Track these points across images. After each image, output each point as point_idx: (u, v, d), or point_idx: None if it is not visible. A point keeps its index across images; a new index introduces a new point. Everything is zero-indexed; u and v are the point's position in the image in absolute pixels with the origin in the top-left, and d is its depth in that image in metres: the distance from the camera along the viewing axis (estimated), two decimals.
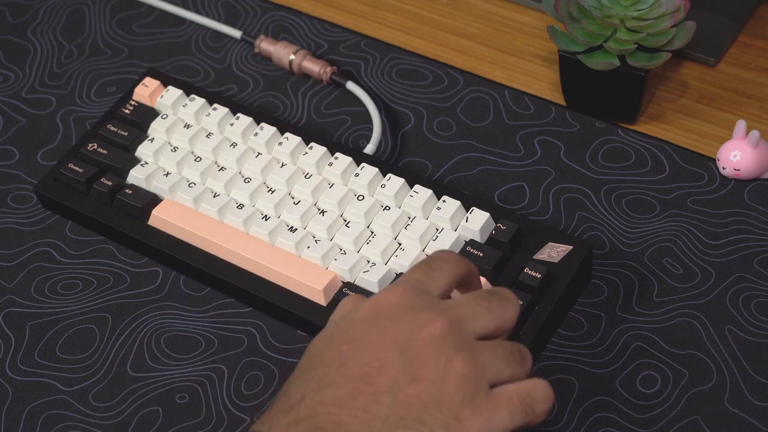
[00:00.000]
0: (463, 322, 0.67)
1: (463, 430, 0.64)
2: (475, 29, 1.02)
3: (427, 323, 0.67)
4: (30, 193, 0.94)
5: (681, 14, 0.89)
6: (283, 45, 1.00)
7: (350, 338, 0.67)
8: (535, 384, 0.67)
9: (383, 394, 0.65)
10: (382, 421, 0.64)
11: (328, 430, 0.64)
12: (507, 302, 0.70)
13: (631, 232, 0.87)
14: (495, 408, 0.65)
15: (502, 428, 0.65)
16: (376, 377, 0.65)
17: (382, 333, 0.67)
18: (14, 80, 1.02)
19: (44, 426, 0.81)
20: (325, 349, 0.67)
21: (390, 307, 0.68)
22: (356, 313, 0.68)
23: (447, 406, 0.65)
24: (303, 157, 0.89)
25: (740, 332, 0.81)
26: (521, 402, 0.66)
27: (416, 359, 0.65)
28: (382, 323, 0.67)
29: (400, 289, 0.69)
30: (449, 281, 0.71)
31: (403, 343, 0.66)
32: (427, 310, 0.67)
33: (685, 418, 0.78)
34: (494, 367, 0.67)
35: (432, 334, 0.66)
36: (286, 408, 0.65)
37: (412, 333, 0.66)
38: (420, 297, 0.68)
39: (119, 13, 1.06)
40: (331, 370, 0.66)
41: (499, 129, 0.95)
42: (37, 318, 0.87)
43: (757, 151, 0.88)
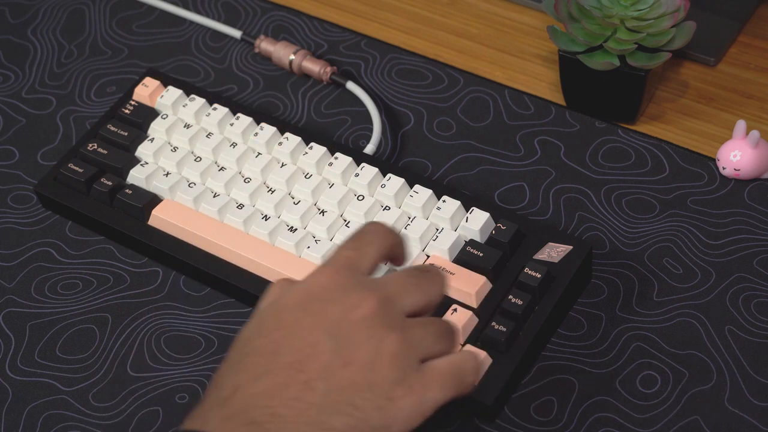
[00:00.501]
0: (394, 300, 0.68)
1: (397, 409, 0.65)
2: (475, 29, 1.02)
3: (357, 304, 0.67)
4: (30, 193, 0.94)
5: (681, 14, 0.89)
6: (283, 45, 1.00)
7: (281, 324, 0.67)
8: (464, 357, 0.69)
9: (316, 381, 0.65)
10: (316, 409, 0.64)
11: (264, 423, 0.64)
12: (435, 278, 0.71)
13: (631, 232, 0.87)
14: (427, 384, 0.66)
15: (435, 403, 0.66)
16: (308, 364, 0.65)
17: (313, 317, 0.67)
18: (14, 80, 1.02)
19: (44, 426, 0.81)
20: (255, 337, 0.67)
21: (320, 290, 0.68)
22: (287, 297, 0.68)
23: (380, 387, 0.65)
24: (303, 157, 0.89)
25: (740, 332, 0.81)
26: (452, 376, 0.67)
27: (348, 342, 0.66)
28: (313, 306, 0.67)
29: (330, 270, 0.69)
30: (378, 255, 0.71)
31: (334, 326, 0.66)
32: (357, 290, 0.68)
33: (685, 418, 0.78)
34: (425, 343, 0.68)
35: (363, 314, 0.67)
36: (219, 401, 0.65)
37: (343, 314, 0.67)
38: (350, 276, 0.69)
39: (119, 13, 1.06)
40: (263, 359, 0.66)
41: (499, 129, 0.95)
42: (37, 318, 0.87)
43: (757, 151, 0.88)
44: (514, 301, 0.80)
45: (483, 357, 0.74)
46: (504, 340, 0.78)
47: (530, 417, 0.79)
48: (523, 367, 0.80)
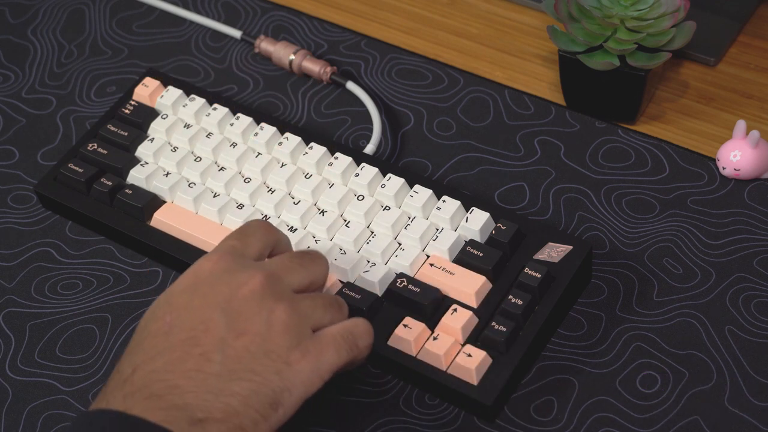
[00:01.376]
0: (280, 277, 0.72)
1: (294, 372, 0.69)
2: (475, 29, 1.02)
3: (245, 281, 0.70)
4: (30, 193, 0.94)
5: (681, 14, 0.89)
6: (283, 45, 1.00)
7: (172, 308, 0.70)
8: (355, 322, 0.73)
9: (212, 353, 0.68)
10: (215, 378, 0.67)
11: (164, 395, 0.66)
12: (318, 259, 0.76)
13: (631, 232, 0.87)
14: (322, 348, 0.70)
15: (330, 365, 0.70)
16: (202, 338, 0.68)
17: (203, 298, 0.70)
18: (14, 80, 1.02)
19: (44, 426, 0.81)
20: (149, 322, 0.70)
21: (208, 274, 0.71)
22: (175, 285, 0.72)
23: (276, 353, 0.69)
24: (303, 157, 0.89)
25: (740, 332, 0.81)
26: (345, 339, 0.72)
27: (239, 316, 0.69)
28: (202, 289, 0.70)
29: (215, 256, 0.72)
30: (262, 246, 0.75)
31: (224, 303, 0.69)
32: (243, 270, 0.71)
33: (685, 418, 0.78)
34: (314, 314, 0.72)
35: (251, 289, 0.70)
36: (120, 383, 0.68)
37: (232, 292, 0.70)
38: (235, 260, 0.72)
39: (119, 13, 1.06)
40: (158, 340, 0.69)
41: (499, 129, 0.95)
42: (37, 318, 0.87)
43: (757, 151, 0.88)
44: (514, 301, 0.80)
45: (364, 323, 0.75)
46: (504, 340, 0.78)
47: (530, 417, 0.79)
48: (523, 367, 0.80)
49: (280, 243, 0.77)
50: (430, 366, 0.79)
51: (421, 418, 0.79)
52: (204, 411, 0.66)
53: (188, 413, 0.66)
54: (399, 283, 0.82)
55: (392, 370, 0.81)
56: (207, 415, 0.66)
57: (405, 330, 0.79)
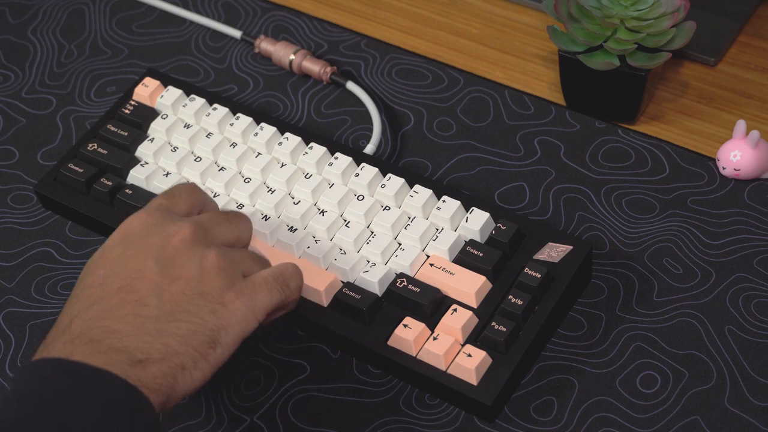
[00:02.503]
0: (208, 228, 0.75)
1: (229, 312, 0.72)
2: (475, 29, 1.02)
3: (175, 232, 0.74)
4: (30, 193, 0.94)
5: (681, 14, 0.89)
6: (283, 45, 1.00)
7: (106, 261, 0.72)
8: (285, 265, 0.76)
9: (148, 298, 0.70)
10: (153, 320, 0.70)
11: (103, 339, 0.68)
12: (243, 218, 0.79)
13: (631, 232, 0.87)
14: (254, 289, 0.73)
15: (264, 305, 0.73)
16: (137, 285, 0.71)
17: (135, 249, 0.73)
18: (14, 80, 1.02)
19: None
20: (85, 276, 0.73)
21: (138, 228, 0.74)
22: (108, 241, 0.74)
23: (210, 294, 0.72)
24: (303, 157, 0.89)
25: (740, 332, 0.81)
26: (276, 280, 0.75)
27: (173, 263, 0.72)
28: (134, 240, 0.73)
29: (144, 213, 0.75)
30: (189, 205, 0.78)
31: (157, 252, 0.72)
32: (172, 223, 0.74)
33: (685, 418, 0.78)
34: (244, 263, 0.75)
35: (182, 238, 0.73)
36: (59, 332, 0.69)
37: (163, 242, 0.73)
38: (163, 215, 0.75)
39: (119, 13, 1.06)
40: (94, 291, 0.71)
41: (499, 129, 0.95)
42: (37, 318, 0.87)
43: (757, 151, 0.88)
44: (514, 301, 0.80)
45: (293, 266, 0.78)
46: (504, 340, 0.78)
47: (530, 417, 0.79)
48: (523, 367, 0.80)
49: (206, 204, 0.80)
50: (430, 366, 0.79)
51: (421, 418, 0.79)
52: (143, 352, 0.68)
53: (128, 355, 0.68)
54: (399, 283, 0.82)
55: (392, 370, 0.81)
56: (146, 356, 0.68)
57: (405, 330, 0.79)
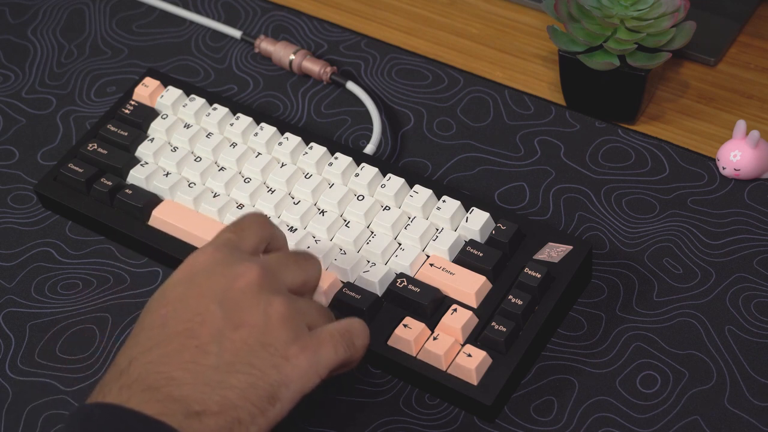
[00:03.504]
0: (275, 272, 0.72)
1: (292, 367, 0.68)
2: (475, 29, 1.02)
3: (241, 273, 0.70)
4: (30, 193, 0.94)
5: (681, 14, 0.89)
6: (283, 45, 1.00)
7: (167, 300, 0.69)
8: (351, 321, 0.73)
9: (209, 345, 0.67)
10: (213, 370, 0.67)
11: (161, 387, 0.66)
12: (312, 259, 0.75)
13: (631, 232, 0.87)
14: (319, 344, 0.70)
15: (328, 362, 0.70)
16: (199, 330, 0.68)
17: (198, 289, 0.69)
18: (14, 80, 1.02)
19: (44, 426, 0.81)
20: (146, 315, 0.70)
21: (203, 266, 0.71)
22: (172, 277, 0.71)
23: (273, 346, 0.68)
24: (303, 157, 0.89)
25: (740, 332, 0.81)
26: (342, 337, 0.71)
27: (236, 307, 0.69)
28: (198, 280, 0.70)
29: (211, 249, 0.72)
30: (258, 240, 0.74)
31: (221, 295, 0.69)
32: (239, 263, 0.71)
33: (685, 418, 0.78)
34: (310, 313, 0.71)
35: (248, 282, 0.70)
36: (116, 375, 0.67)
37: (229, 284, 0.69)
38: (231, 253, 0.72)
39: (119, 13, 1.06)
40: (154, 332, 0.68)
41: (499, 129, 0.95)
42: (37, 318, 0.87)
43: (757, 151, 0.88)
44: (514, 301, 0.80)
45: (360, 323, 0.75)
46: (504, 340, 0.78)
47: (530, 417, 0.79)
48: (523, 367, 0.80)
49: (275, 238, 0.76)
50: (430, 366, 0.79)
51: (421, 418, 0.79)
52: (201, 404, 0.66)
53: (185, 405, 0.66)
54: (399, 283, 0.82)
55: (392, 370, 0.81)
56: (204, 408, 0.66)
57: (405, 330, 0.79)
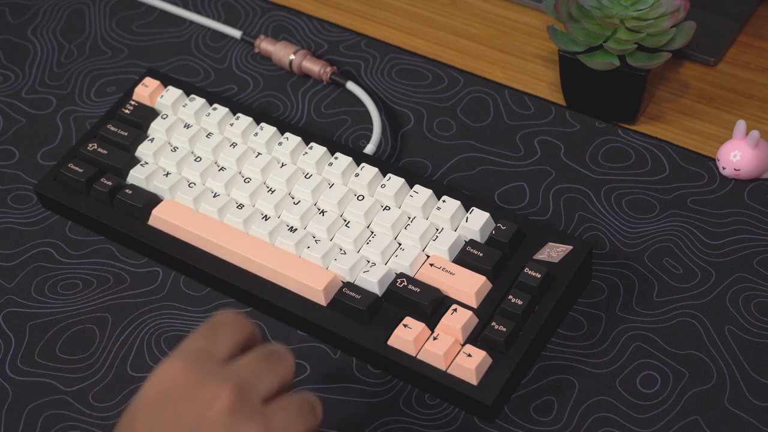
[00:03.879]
0: (249, 388, 0.65)
1: None
2: (475, 29, 1.02)
3: (213, 398, 0.64)
4: (30, 193, 0.94)
5: (681, 14, 0.89)
6: (283, 45, 1.00)
7: (136, 430, 0.64)
8: None
9: None
10: None
11: None
12: (284, 358, 0.68)
13: (631, 232, 0.87)
14: None
15: None
16: None
17: (167, 422, 0.64)
18: (14, 80, 1.02)
19: (44, 426, 0.81)
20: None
21: (172, 387, 0.65)
22: (139, 400, 0.65)
23: None
24: (303, 157, 0.90)
25: (740, 332, 0.81)
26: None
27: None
28: (166, 409, 0.64)
29: (179, 363, 0.65)
30: (233, 345, 0.68)
31: (192, 429, 0.63)
32: (209, 383, 0.64)
33: (685, 418, 0.78)
34: (288, 428, 0.65)
35: (219, 409, 0.64)
36: None
37: (199, 413, 0.64)
38: (201, 367, 0.65)
39: (119, 13, 1.06)
40: None
41: (499, 129, 0.95)
42: (37, 318, 0.87)
43: (757, 151, 0.88)
44: (514, 301, 0.80)
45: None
46: (504, 340, 0.78)
47: (530, 417, 0.79)
48: (523, 367, 0.80)
49: (252, 338, 0.69)
50: (430, 366, 0.79)
51: (421, 418, 0.79)
52: None
53: None
54: (399, 283, 0.82)
55: (392, 370, 0.81)
56: None
57: (405, 330, 0.79)
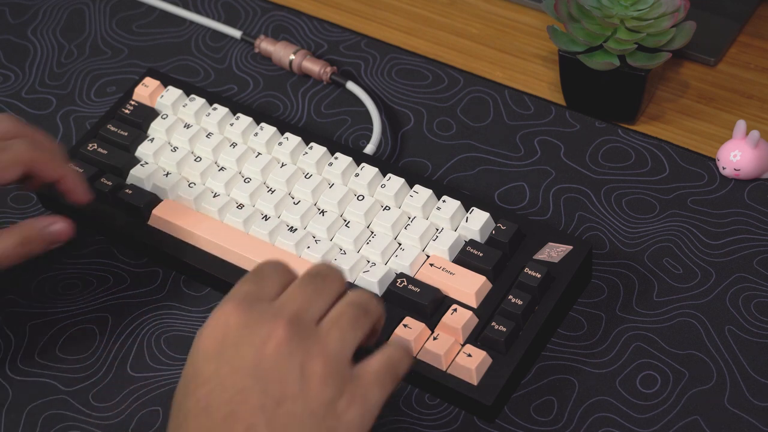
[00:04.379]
0: (300, 317, 0.67)
1: (347, 423, 0.65)
2: (475, 29, 1.02)
3: (268, 336, 0.66)
4: (30, 193, 0.94)
5: (681, 14, 0.89)
6: (283, 45, 1.00)
7: (202, 379, 0.66)
8: (392, 351, 0.68)
9: (257, 426, 0.64)
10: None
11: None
12: (331, 278, 0.70)
13: (631, 232, 0.87)
14: (366, 389, 0.66)
15: (378, 403, 0.66)
16: (242, 412, 0.64)
17: (229, 365, 0.66)
18: (14, 80, 1.02)
19: (44, 426, 0.81)
20: (185, 399, 0.66)
21: (227, 333, 0.67)
22: (199, 349, 0.67)
23: (321, 410, 0.65)
24: (303, 157, 0.90)
25: (740, 332, 0.81)
26: (386, 372, 0.67)
27: (272, 378, 0.65)
28: (227, 354, 0.66)
29: (230, 308, 0.67)
30: (279, 287, 0.69)
31: (253, 367, 0.65)
32: (263, 322, 0.66)
33: (685, 418, 0.78)
34: (346, 342, 0.67)
35: (277, 344, 0.65)
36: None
37: (258, 352, 0.65)
38: (252, 309, 0.67)
39: (119, 13, 1.06)
40: (201, 420, 0.65)
41: (499, 129, 0.95)
42: (37, 318, 0.87)
43: (757, 151, 0.88)
44: (514, 301, 0.80)
45: (411, 342, 0.76)
46: (504, 340, 0.78)
47: (530, 417, 0.79)
48: (523, 367, 0.80)
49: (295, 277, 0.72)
50: (430, 366, 0.79)
51: (421, 418, 0.79)
52: None
53: None
54: (399, 283, 0.82)
55: None
56: None
57: (405, 330, 0.80)
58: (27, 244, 0.80)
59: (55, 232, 0.81)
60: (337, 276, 0.70)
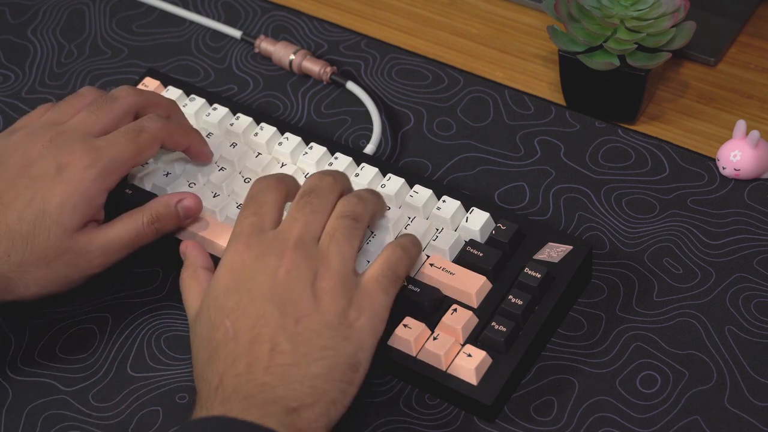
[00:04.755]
0: (303, 238, 0.75)
1: (359, 330, 0.73)
2: (475, 29, 1.02)
3: (278, 263, 0.74)
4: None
5: (681, 14, 0.89)
6: (283, 45, 1.00)
7: (227, 311, 0.73)
8: (389, 254, 0.77)
9: (281, 344, 0.71)
10: (293, 367, 0.71)
11: (256, 394, 0.70)
12: (325, 191, 0.77)
13: (631, 232, 0.87)
14: (371, 296, 0.74)
15: (385, 308, 0.75)
16: (266, 335, 0.72)
17: (249, 295, 0.73)
18: (14, 80, 1.02)
19: (44, 426, 0.81)
20: (213, 331, 0.73)
21: (241, 268, 0.74)
22: (217, 286, 0.74)
23: (334, 321, 0.72)
24: (303, 157, 0.90)
25: (740, 332, 0.81)
26: (387, 277, 0.76)
27: (288, 300, 0.72)
28: (245, 285, 0.73)
29: (241, 245, 0.75)
30: (278, 210, 0.77)
31: (270, 293, 0.73)
32: (271, 252, 0.74)
33: (685, 418, 0.78)
34: (345, 255, 0.75)
35: (287, 269, 0.73)
36: (212, 391, 0.71)
37: (272, 279, 0.73)
38: (259, 241, 0.75)
39: (119, 13, 1.06)
40: (230, 347, 0.72)
41: (499, 129, 0.95)
42: (37, 318, 0.87)
43: (757, 151, 0.88)
44: (514, 301, 0.80)
45: (411, 240, 0.80)
46: (504, 340, 0.78)
47: (530, 417, 0.79)
48: (523, 367, 0.80)
49: (293, 189, 0.79)
50: (430, 366, 0.79)
51: (421, 418, 0.79)
52: (295, 400, 0.70)
53: (282, 406, 0.70)
54: None
55: (392, 370, 0.81)
56: (299, 403, 0.70)
57: (405, 330, 0.79)
58: (158, 221, 0.83)
59: (186, 207, 0.84)
60: (328, 186, 0.78)
